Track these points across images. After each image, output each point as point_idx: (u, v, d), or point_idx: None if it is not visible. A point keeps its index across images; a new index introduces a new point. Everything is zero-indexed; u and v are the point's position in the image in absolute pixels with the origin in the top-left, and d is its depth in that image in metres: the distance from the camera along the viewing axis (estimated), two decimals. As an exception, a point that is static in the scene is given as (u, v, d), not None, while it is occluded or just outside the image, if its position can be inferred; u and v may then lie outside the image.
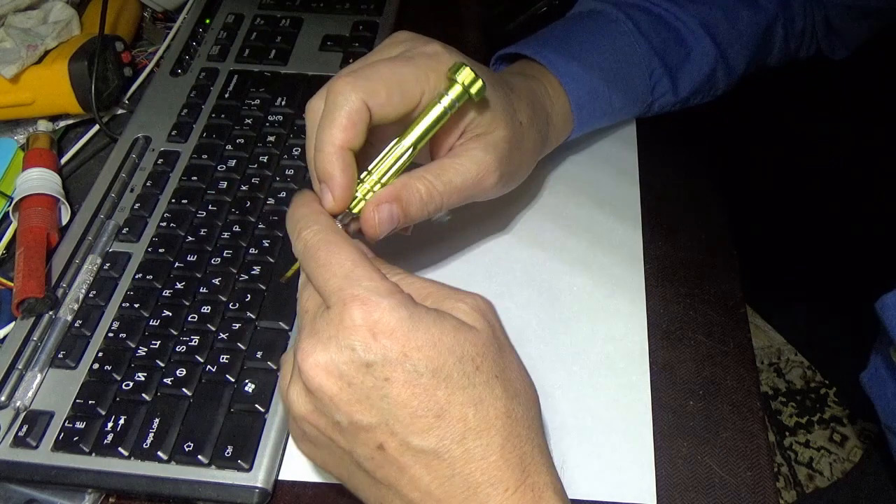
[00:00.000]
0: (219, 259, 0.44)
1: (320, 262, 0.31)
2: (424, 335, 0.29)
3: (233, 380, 0.39)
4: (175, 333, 0.41)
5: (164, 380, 0.39)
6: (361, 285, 0.29)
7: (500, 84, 0.39)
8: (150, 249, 0.45)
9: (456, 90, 0.34)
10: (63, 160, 0.54)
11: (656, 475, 0.37)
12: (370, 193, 0.35)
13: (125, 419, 0.38)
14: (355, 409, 0.29)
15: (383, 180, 0.35)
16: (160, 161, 0.50)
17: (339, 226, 0.34)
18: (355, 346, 0.28)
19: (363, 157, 0.35)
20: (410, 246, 0.46)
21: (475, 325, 0.31)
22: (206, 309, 0.42)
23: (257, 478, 0.37)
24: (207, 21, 0.60)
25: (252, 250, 0.45)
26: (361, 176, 0.35)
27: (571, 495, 0.36)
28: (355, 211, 0.35)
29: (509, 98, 0.39)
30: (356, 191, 0.34)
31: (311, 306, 0.31)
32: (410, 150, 0.34)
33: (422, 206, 0.36)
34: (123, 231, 0.46)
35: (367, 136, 0.34)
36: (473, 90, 0.34)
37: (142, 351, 0.41)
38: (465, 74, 0.33)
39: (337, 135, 0.33)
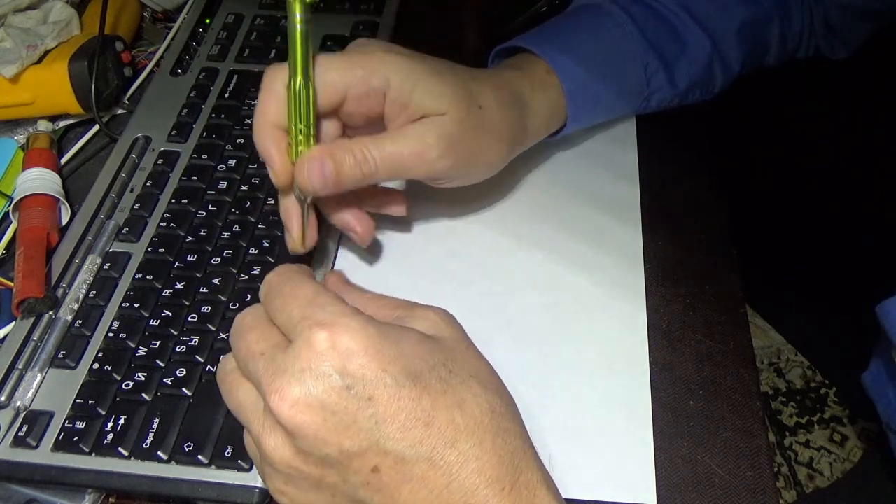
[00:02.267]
0: (219, 259, 0.44)
1: (284, 295, 0.31)
2: (396, 348, 0.29)
3: (233, 380, 0.39)
4: (175, 333, 0.41)
5: (164, 380, 0.39)
6: (326, 310, 0.29)
7: (456, 73, 0.40)
8: (150, 249, 0.45)
9: (297, 6, 0.34)
10: (63, 160, 0.54)
11: (656, 475, 0.37)
12: (309, 141, 0.36)
13: (125, 419, 0.38)
14: (343, 437, 0.28)
15: (311, 123, 0.36)
16: (160, 161, 0.50)
17: (305, 205, 0.38)
18: (331, 371, 0.28)
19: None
20: (409, 246, 0.46)
21: (439, 335, 0.31)
22: (206, 309, 0.42)
23: (257, 478, 0.36)
24: (207, 21, 0.60)
25: (252, 250, 0.45)
26: (290, 124, 0.36)
27: (571, 495, 0.37)
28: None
29: (466, 85, 0.40)
30: (293, 151, 0.36)
31: (263, 347, 0.30)
32: (302, 82, 0.35)
33: (354, 165, 0.36)
34: (123, 231, 0.46)
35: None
36: None
37: (142, 351, 0.41)
38: None
39: (265, 113, 0.36)
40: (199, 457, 0.37)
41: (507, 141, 0.43)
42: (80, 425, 0.38)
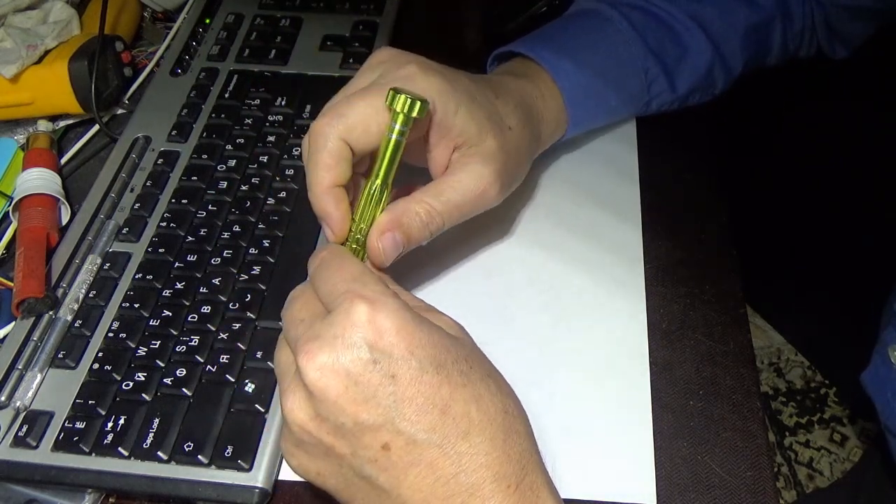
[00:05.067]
0: (219, 259, 0.44)
1: (332, 269, 0.33)
2: (427, 336, 0.30)
3: (233, 380, 0.39)
4: (175, 333, 0.41)
5: (164, 380, 0.39)
6: (369, 287, 0.31)
7: (483, 92, 0.40)
8: (150, 249, 0.45)
9: (399, 119, 0.34)
10: (63, 160, 0.54)
11: (656, 475, 0.37)
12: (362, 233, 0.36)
13: (125, 419, 0.38)
14: (361, 409, 0.29)
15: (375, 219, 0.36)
16: (160, 161, 0.50)
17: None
18: (361, 343, 0.29)
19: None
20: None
21: (458, 336, 0.32)
22: (206, 309, 0.42)
23: (257, 478, 0.37)
24: (207, 21, 0.60)
25: (252, 250, 0.45)
26: (354, 217, 0.36)
27: (571, 495, 0.37)
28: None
29: (494, 106, 0.40)
30: (352, 232, 0.36)
31: (304, 315, 0.32)
32: (381, 187, 0.35)
33: (422, 228, 0.37)
34: (123, 231, 0.46)
35: (354, 168, 0.36)
36: (415, 113, 0.33)
37: (142, 351, 0.41)
38: (401, 102, 0.33)
39: (323, 175, 0.35)
40: (199, 457, 0.37)
41: (531, 156, 0.44)
42: (80, 425, 0.38)
